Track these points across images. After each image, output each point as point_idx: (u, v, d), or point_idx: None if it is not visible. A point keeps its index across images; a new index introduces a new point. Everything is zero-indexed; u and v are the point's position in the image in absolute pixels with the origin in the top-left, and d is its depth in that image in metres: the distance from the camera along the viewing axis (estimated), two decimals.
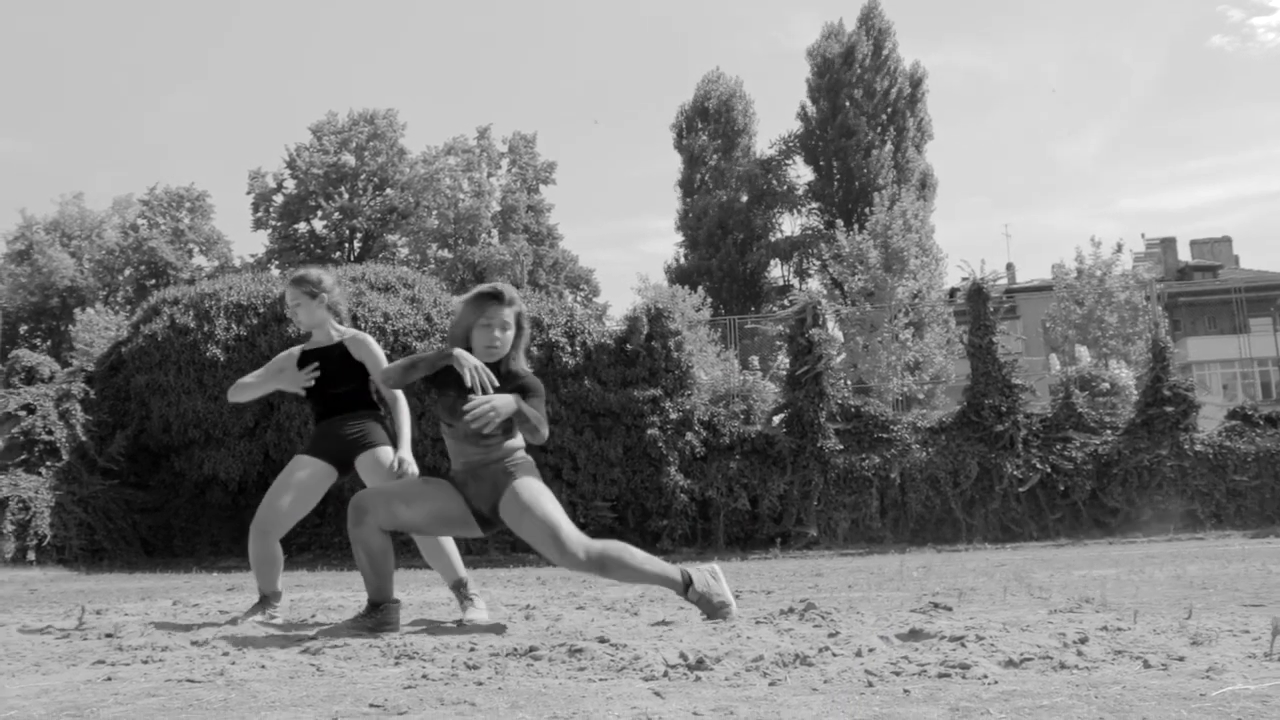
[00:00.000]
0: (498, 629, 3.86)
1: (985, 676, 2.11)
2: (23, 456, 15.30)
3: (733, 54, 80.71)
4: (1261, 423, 16.52)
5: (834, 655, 2.48)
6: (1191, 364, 40.31)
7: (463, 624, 4.22)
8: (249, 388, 4.82)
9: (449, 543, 4.75)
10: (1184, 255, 49.71)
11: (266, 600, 4.73)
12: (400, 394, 4.79)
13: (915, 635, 2.89)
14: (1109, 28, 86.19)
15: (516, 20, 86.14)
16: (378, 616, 3.81)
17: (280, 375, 4.76)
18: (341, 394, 4.76)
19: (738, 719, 1.77)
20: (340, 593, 7.04)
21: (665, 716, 1.79)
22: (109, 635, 3.63)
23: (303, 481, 4.66)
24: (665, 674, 2.31)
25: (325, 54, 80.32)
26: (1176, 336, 41.22)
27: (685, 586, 3.71)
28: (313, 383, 4.69)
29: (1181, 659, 2.25)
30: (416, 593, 7.20)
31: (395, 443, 4.74)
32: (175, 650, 3.10)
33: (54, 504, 14.67)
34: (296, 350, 4.87)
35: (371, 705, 2.02)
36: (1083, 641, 2.61)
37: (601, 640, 2.95)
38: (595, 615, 4.31)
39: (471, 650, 2.98)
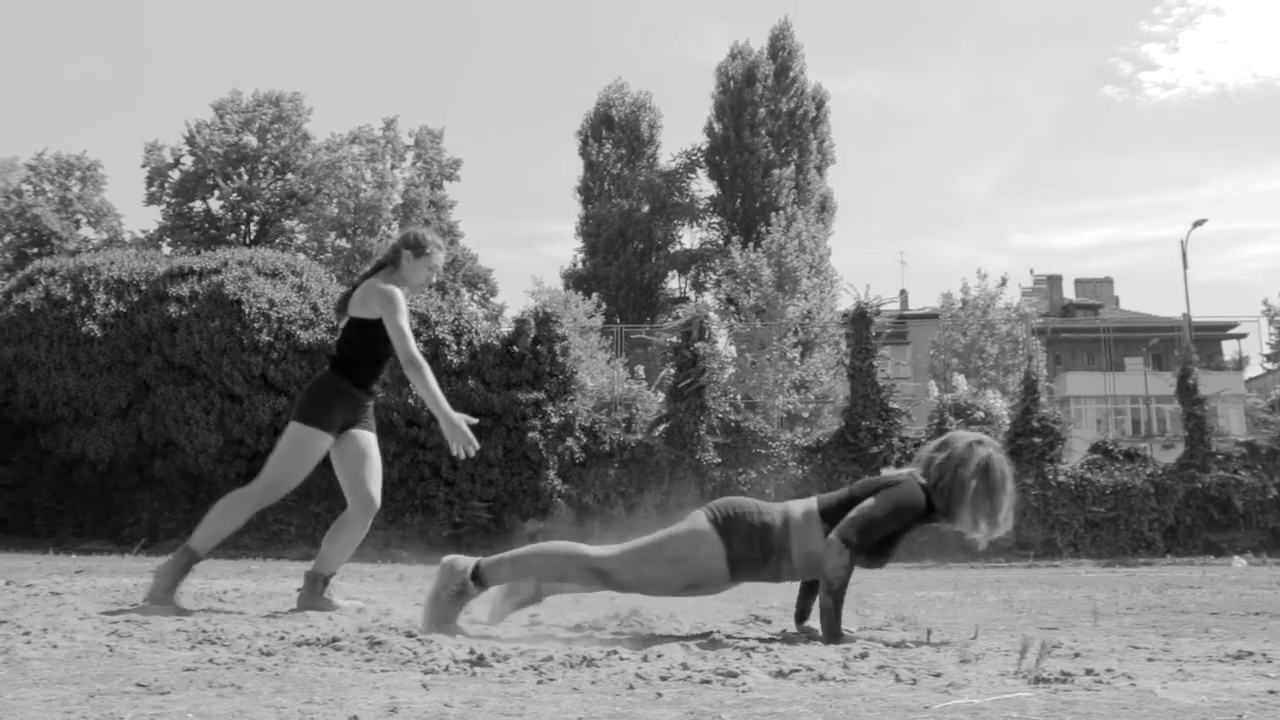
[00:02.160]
0: (323, 619, 3.88)
1: (744, 685, 2.22)
2: None
3: (645, 63, 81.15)
4: (1121, 457, 17.21)
5: (620, 659, 2.57)
6: (1069, 398, 41.62)
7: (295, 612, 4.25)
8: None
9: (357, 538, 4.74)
10: (1069, 293, 51.36)
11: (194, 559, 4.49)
12: None
13: (712, 644, 3.00)
14: (1011, 68, 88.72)
15: (432, 13, 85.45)
16: None
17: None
18: None
19: (483, 711, 1.84)
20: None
21: (414, 705, 1.86)
22: None
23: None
24: (446, 669, 2.38)
25: (233, 30, 78.66)
26: (1057, 371, 42.57)
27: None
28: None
29: (938, 675, 2.38)
30: (270, 582, 7.14)
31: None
32: None
33: None
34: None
35: (138, 685, 2.05)
36: (862, 657, 2.74)
37: (409, 635, 3.00)
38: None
39: (280, 639, 3.01)
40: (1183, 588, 7.91)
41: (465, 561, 3.49)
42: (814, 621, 3.51)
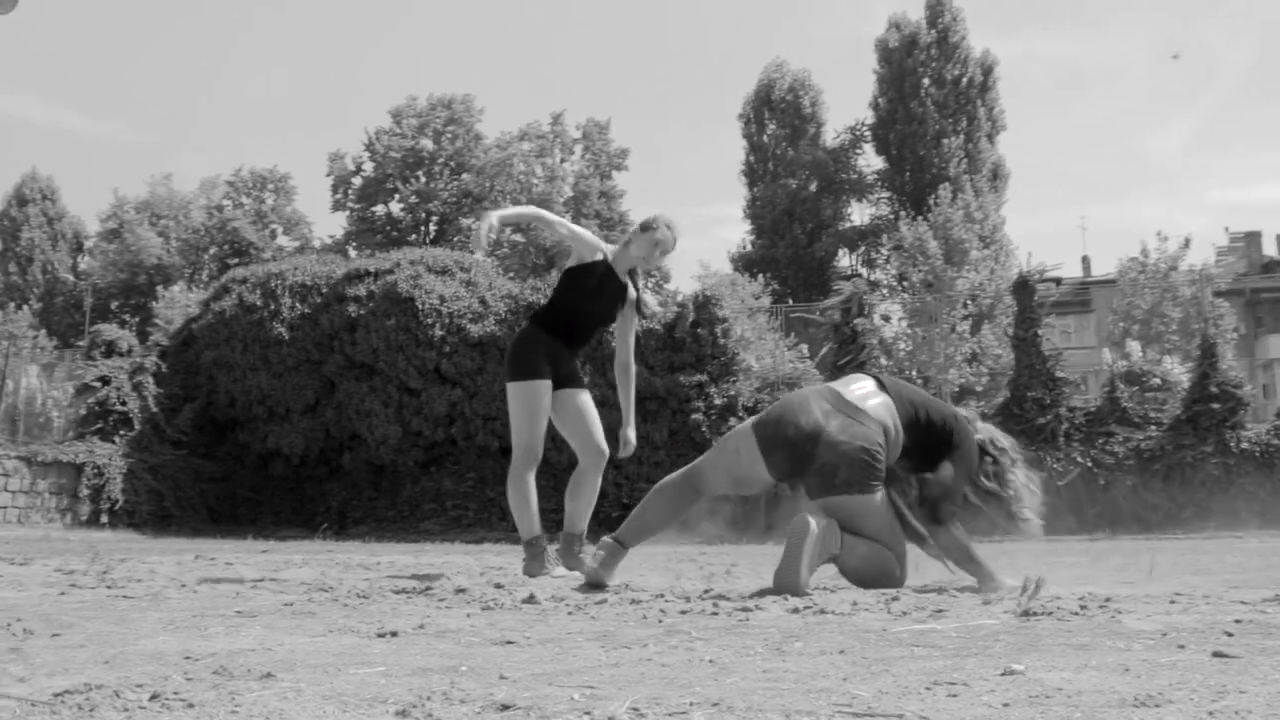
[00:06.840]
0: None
1: (747, 619, 2.51)
2: (98, 425, 16.25)
3: (804, 39, 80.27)
4: None
5: (663, 600, 2.90)
6: (1273, 361, 39.43)
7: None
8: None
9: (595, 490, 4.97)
10: (1270, 249, 48.47)
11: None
12: None
13: (764, 593, 3.28)
14: (1196, 15, 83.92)
15: (592, 6, 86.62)
16: None
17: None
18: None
19: (496, 627, 2.19)
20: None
21: (443, 623, 2.23)
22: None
23: None
24: (501, 605, 2.75)
25: (405, 38, 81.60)
26: (1258, 333, 40.29)
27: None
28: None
29: (941, 611, 2.62)
30: (429, 557, 7.68)
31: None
32: None
33: (126, 471, 15.57)
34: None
35: (237, 612, 2.49)
36: (892, 600, 2.99)
37: (497, 586, 3.40)
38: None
39: (381, 589, 3.44)
40: None
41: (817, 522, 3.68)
42: None
